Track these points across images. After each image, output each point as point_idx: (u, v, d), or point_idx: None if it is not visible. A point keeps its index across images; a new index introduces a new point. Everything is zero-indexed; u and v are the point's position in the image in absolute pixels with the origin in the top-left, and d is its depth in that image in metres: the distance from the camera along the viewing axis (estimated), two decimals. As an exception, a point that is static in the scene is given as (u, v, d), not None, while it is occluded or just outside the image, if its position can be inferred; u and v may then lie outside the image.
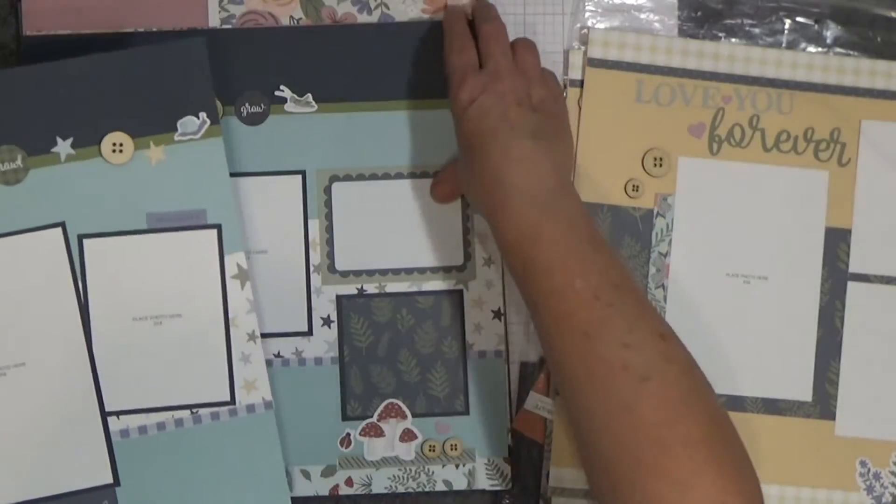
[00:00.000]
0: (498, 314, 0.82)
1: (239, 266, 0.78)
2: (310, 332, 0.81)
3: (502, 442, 0.81)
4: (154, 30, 0.81)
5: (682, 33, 0.84)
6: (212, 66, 0.79)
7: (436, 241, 0.82)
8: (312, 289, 0.81)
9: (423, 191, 0.82)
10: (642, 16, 0.84)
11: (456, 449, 0.81)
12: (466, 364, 0.81)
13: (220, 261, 0.78)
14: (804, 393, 0.82)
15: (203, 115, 0.77)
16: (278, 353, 0.81)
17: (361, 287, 0.81)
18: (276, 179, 0.81)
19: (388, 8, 0.83)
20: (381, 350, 0.81)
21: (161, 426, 0.77)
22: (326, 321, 0.81)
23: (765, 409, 0.82)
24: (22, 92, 0.76)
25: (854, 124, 0.83)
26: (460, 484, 0.81)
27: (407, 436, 0.81)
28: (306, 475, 0.80)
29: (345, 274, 0.81)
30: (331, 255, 0.81)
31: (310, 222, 0.81)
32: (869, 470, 0.82)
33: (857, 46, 0.84)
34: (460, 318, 0.81)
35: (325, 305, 0.81)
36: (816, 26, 0.85)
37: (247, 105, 0.81)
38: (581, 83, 0.83)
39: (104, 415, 0.77)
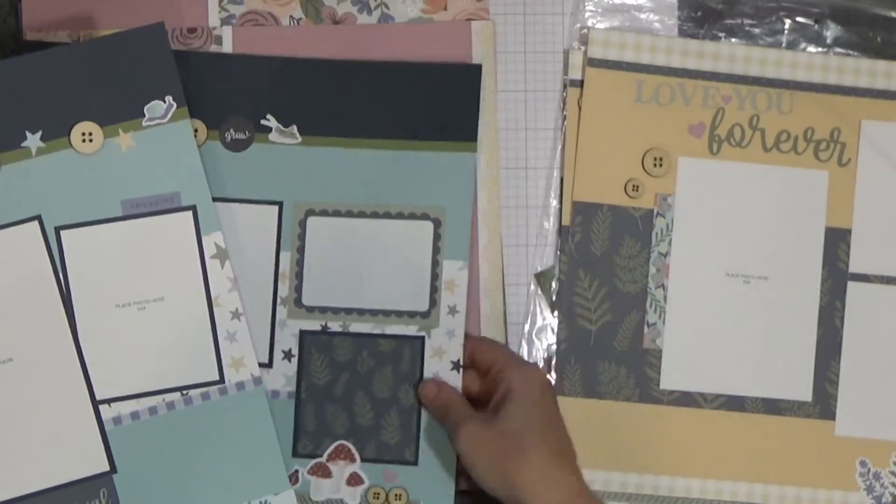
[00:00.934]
0: (457, 366, 0.80)
1: (217, 246, 0.78)
2: (269, 365, 0.80)
3: (448, 497, 0.80)
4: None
5: (682, 33, 0.84)
6: (201, 88, 0.79)
7: (403, 285, 0.80)
8: (277, 321, 0.80)
9: (397, 232, 0.80)
10: (642, 16, 0.84)
11: (401, 499, 0.80)
12: (420, 414, 0.80)
13: (198, 242, 0.78)
14: (804, 393, 0.82)
15: (169, 98, 0.77)
16: None
17: (325, 324, 0.80)
18: (253, 208, 0.80)
19: (388, 8, 0.83)
20: (339, 390, 0.80)
21: (153, 410, 0.77)
22: (287, 355, 0.80)
23: (765, 409, 0.82)
24: None
25: (854, 124, 0.83)
26: None
27: (354, 480, 0.80)
28: None
29: (311, 309, 0.80)
30: (299, 288, 0.80)
31: (282, 254, 0.80)
32: (869, 470, 0.82)
33: (857, 46, 0.84)
34: (419, 366, 0.80)
35: (287, 339, 0.80)
36: (816, 26, 0.85)
37: (231, 131, 0.80)
38: (581, 83, 0.82)
39: (95, 403, 0.77)
